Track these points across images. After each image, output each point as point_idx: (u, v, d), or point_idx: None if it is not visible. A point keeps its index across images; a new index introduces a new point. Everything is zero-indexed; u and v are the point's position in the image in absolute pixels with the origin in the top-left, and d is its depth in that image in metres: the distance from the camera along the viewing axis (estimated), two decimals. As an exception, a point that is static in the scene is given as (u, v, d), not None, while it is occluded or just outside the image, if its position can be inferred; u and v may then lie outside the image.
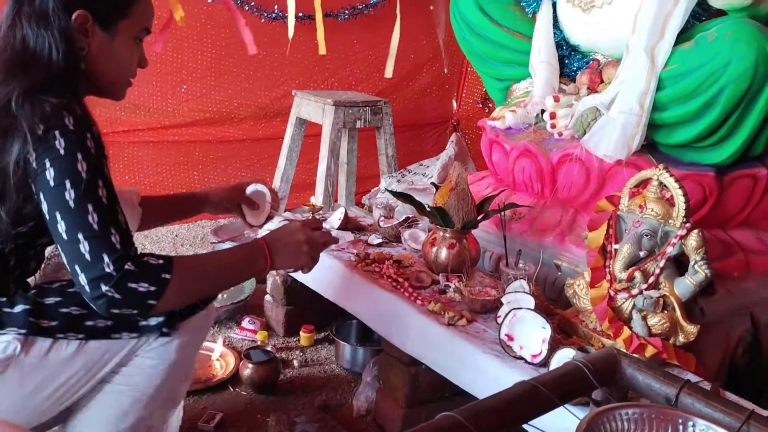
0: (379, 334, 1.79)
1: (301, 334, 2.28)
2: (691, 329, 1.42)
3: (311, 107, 2.98)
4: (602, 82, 1.91)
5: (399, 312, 1.70)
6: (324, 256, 1.72)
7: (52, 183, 1.09)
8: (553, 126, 1.88)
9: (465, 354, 1.50)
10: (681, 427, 0.85)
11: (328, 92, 3.31)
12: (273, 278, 2.34)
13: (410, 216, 2.16)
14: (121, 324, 1.23)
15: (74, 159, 1.10)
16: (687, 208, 1.42)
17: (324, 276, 1.92)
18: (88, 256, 1.09)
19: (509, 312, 1.48)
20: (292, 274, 2.18)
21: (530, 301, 1.52)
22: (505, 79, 2.19)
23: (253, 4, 3.29)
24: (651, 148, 1.77)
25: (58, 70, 1.16)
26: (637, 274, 1.46)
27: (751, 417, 0.88)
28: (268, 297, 2.39)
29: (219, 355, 2.14)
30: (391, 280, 1.80)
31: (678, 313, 1.43)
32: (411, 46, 4.00)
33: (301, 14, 3.44)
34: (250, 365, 1.96)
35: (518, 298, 1.55)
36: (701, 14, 1.73)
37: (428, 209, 1.80)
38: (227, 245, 2.75)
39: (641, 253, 1.47)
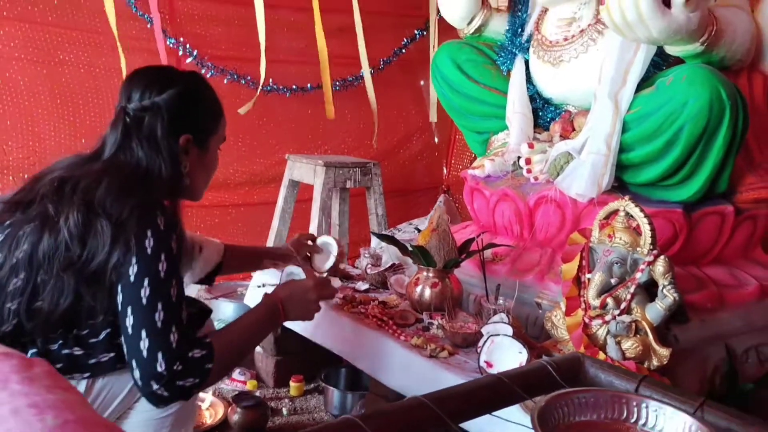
0: (365, 371, 1.83)
1: (291, 384, 2.30)
2: (664, 352, 1.46)
3: (303, 169, 3.10)
4: (574, 130, 2.02)
5: (384, 348, 1.74)
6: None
7: (132, 279, 1.18)
8: (529, 171, 1.98)
9: (447, 383, 1.51)
10: (635, 409, 0.89)
11: (320, 155, 3.44)
12: (263, 328, 2.37)
13: (396, 263, 2.22)
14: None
15: (158, 259, 1.20)
16: (653, 236, 1.50)
17: (311, 318, 1.96)
18: (145, 353, 1.17)
19: (487, 339, 1.53)
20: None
21: (508, 329, 1.57)
22: (484, 131, 2.31)
23: (249, 77, 3.46)
24: (621, 188, 1.86)
25: (165, 185, 1.30)
26: (610, 301, 1.52)
27: (704, 404, 0.92)
28: (258, 348, 2.42)
29: (209, 405, 2.15)
30: (377, 319, 1.84)
31: (650, 337, 1.48)
32: (401, 116, 4.19)
33: (294, 86, 3.63)
34: (239, 409, 1.98)
35: (497, 327, 1.60)
36: (662, 63, 1.86)
37: (410, 249, 1.88)
38: (222, 301, 2.81)
39: (612, 281, 1.53)
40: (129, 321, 1.18)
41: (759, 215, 1.91)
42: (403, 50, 4.05)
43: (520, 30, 2.26)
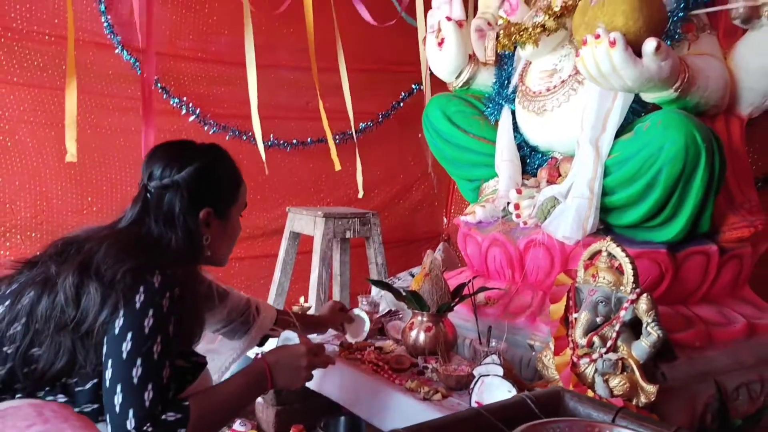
0: (363, 417, 1.85)
1: (291, 433, 2.31)
2: (651, 389, 1.49)
3: (303, 220, 3.17)
4: (560, 175, 2.09)
5: (380, 394, 1.77)
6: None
7: (116, 331, 1.20)
8: (518, 216, 2.04)
9: (439, 425, 1.56)
10: (609, 437, 0.93)
11: (320, 207, 3.52)
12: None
13: (393, 309, 2.26)
14: None
15: (145, 314, 1.21)
16: (635, 274, 1.54)
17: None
18: (117, 408, 1.18)
19: (478, 379, 1.56)
20: None
21: (499, 370, 1.60)
22: (475, 179, 2.38)
23: (250, 134, 3.57)
24: (607, 230, 1.92)
25: (174, 254, 1.32)
26: (596, 339, 1.55)
27: (678, 429, 0.95)
28: (258, 399, 2.44)
29: (209, 455, 2.16)
30: (373, 365, 1.88)
31: (637, 374, 1.51)
32: (401, 167, 4.29)
33: (294, 140, 3.75)
34: (238, 457, 1.99)
35: (488, 369, 1.63)
36: (640, 110, 1.94)
37: (404, 294, 1.92)
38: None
39: (598, 320, 1.57)
40: (108, 374, 1.19)
41: (744, 254, 1.95)
42: (401, 104, 4.19)
43: (506, 82, 2.36)
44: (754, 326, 1.91)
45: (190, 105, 3.37)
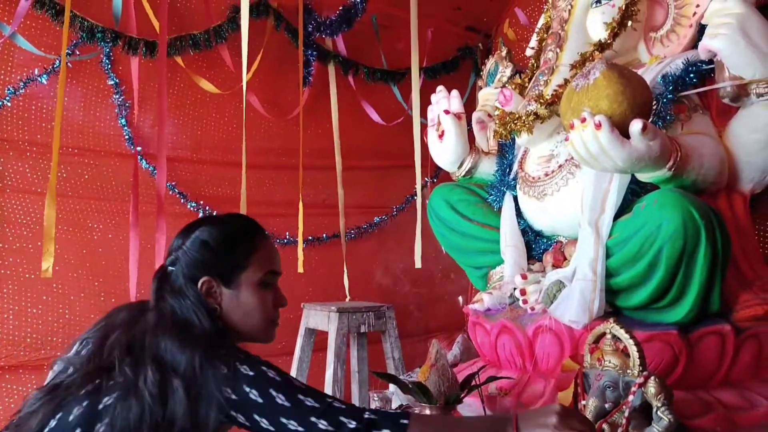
0: None
1: None
2: (668, 478, 1.41)
3: (318, 316, 3.16)
4: (565, 259, 2.08)
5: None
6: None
7: (260, 399, 1.19)
8: (525, 302, 2.02)
9: None
10: None
11: (333, 302, 3.52)
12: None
13: (404, 404, 2.20)
14: None
15: (263, 372, 1.23)
16: (641, 356, 1.49)
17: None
18: (330, 426, 1.19)
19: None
20: None
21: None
22: (482, 266, 2.38)
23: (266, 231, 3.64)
24: (617, 313, 1.87)
25: (209, 330, 1.31)
26: (605, 427, 1.49)
27: None
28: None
29: None
30: (381, 463, 1.81)
31: (652, 462, 1.43)
32: (423, 258, 4.29)
33: (310, 237, 3.80)
34: None
35: (496, 462, 1.56)
36: (639, 191, 1.94)
37: (410, 386, 1.88)
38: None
39: (607, 406, 1.51)
40: (293, 425, 1.18)
41: (761, 333, 1.87)
42: (414, 197, 4.25)
43: (508, 170, 2.40)
44: (780, 409, 1.81)
45: (207, 208, 3.47)
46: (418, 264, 3.72)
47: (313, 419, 1.19)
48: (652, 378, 1.46)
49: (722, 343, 1.83)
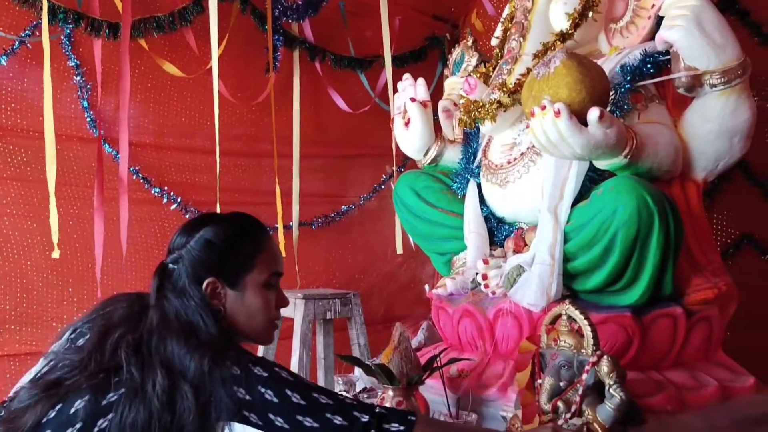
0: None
1: None
2: (619, 453, 1.46)
3: (284, 303, 3.17)
4: (526, 245, 2.12)
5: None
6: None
7: (276, 399, 1.22)
8: (486, 286, 2.06)
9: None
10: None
11: (300, 290, 3.53)
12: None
13: (368, 386, 2.23)
14: None
15: (277, 373, 1.25)
16: (594, 336, 1.54)
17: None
18: (345, 422, 1.23)
19: (444, 452, 1.52)
20: None
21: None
22: (446, 253, 2.41)
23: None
24: (573, 296, 1.92)
25: (215, 333, 1.31)
26: (560, 404, 1.53)
27: None
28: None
29: None
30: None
31: (604, 439, 1.48)
32: (386, 248, 4.32)
33: (276, 225, 3.80)
34: None
35: (456, 441, 1.60)
36: (597, 178, 1.99)
37: (373, 368, 1.90)
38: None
39: (562, 384, 1.55)
40: (308, 422, 1.22)
41: (712, 316, 1.95)
42: (383, 186, 4.28)
43: (472, 158, 2.43)
44: (728, 390, 1.89)
45: (171, 194, 3.44)
46: (399, 250, 3.77)
47: (328, 415, 1.23)
48: (605, 357, 1.51)
49: (674, 325, 1.89)
